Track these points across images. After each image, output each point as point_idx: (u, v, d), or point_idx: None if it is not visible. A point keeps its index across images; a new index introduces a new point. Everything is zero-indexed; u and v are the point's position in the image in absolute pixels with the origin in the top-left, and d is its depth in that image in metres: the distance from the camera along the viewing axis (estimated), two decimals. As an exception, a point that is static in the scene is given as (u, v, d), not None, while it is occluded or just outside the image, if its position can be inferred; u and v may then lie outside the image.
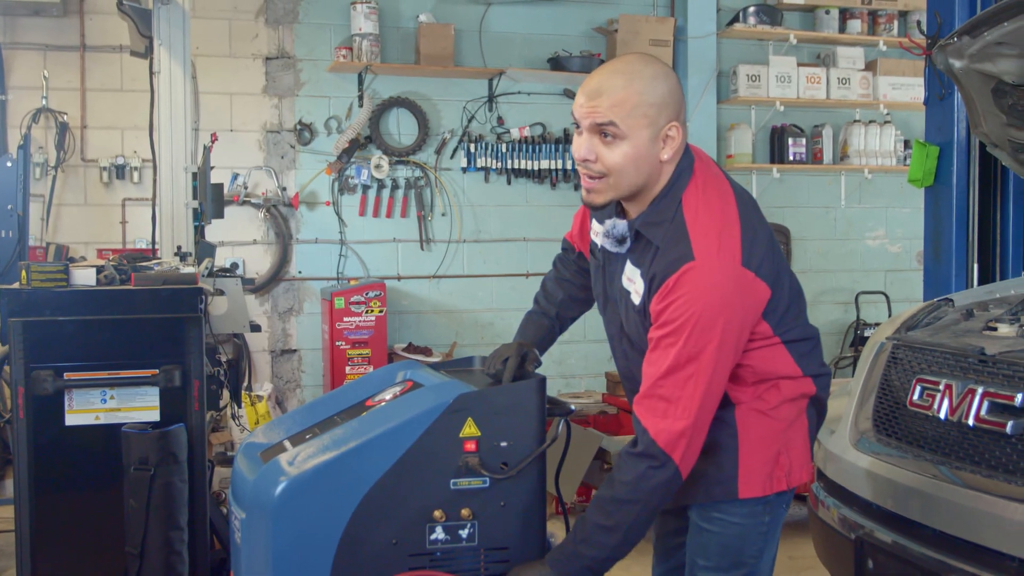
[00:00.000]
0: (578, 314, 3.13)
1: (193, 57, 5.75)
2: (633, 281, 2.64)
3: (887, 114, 8.66)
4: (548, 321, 3.06)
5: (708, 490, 2.69)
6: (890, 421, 3.14)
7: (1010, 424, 2.61)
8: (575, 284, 3.07)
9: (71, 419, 3.66)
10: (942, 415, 2.84)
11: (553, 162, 8.02)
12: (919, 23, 5.12)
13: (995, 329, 3.11)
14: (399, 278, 7.88)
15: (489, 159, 7.96)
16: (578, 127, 2.56)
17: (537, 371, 2.79)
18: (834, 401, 3.42)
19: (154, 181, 5.14)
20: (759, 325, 2.59)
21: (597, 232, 2.76)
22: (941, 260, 5.16)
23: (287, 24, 7.60)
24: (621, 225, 2.64)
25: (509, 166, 8.00)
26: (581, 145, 2.54)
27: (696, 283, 2.44)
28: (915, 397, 2.97)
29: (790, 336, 2.67)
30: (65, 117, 7.05)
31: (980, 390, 2.73)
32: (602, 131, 2.49)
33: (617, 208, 2.68)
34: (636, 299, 2.63)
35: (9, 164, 6.16)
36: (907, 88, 8.48)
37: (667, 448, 2.45)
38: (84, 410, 3.67)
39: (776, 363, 2.66)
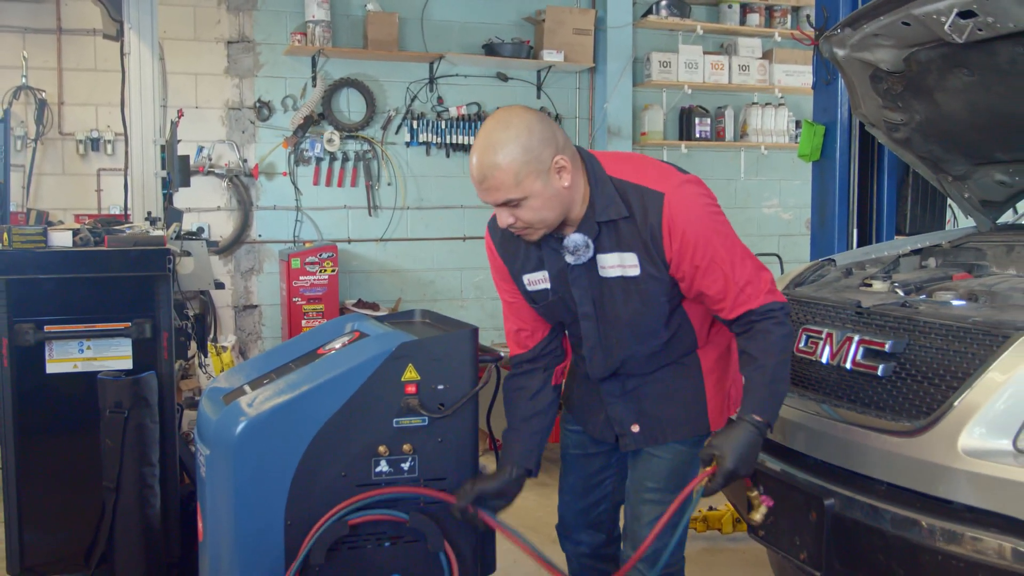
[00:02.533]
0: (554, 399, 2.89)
1: (161, 40, 5.63)
2: (622, 259, 2.55)
3: (781, 97, 8.74)
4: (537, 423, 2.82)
5: (688, 427, 2.68)
6: (779, 365, 3.19)
7: (881, 367, 2.67)
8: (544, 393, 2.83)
9: (51, 367, 3.60)
10: (824, 360, 2.89)
11: (487, 138, 7.95)
12: (809, 17, 5.15)
13: (870, 285, 3.17)
14: (349, 241, 7.82)
15: (430, 134, 7.90)
16: None
17: (470, 322, 2.80)
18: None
19: (126, 153, 5.05)
20: None
21: (535, 280, 2.66)
22: (826, 225, 5.23)
23: (247, 11, 7.46)
24: (576, 236, 2.53)
25: (448, 141, 7.95)
26: (499, 215, 2.47)
27: (679, 204, 2.44)
28: (801, 344, 3.01)
29: None
30: (43, 94, 6.87)
31: (856, 338, 2.78)
32: (506, 204, 2.43)
33: (554, 232, 2.56)
34: (636, 271, 2.53)
35: (-9, 137, 6.00)
36: (798, 74, 8.55)
37: (773, 295, 2.50)
38: (63, 359, 3.62)
39: None
